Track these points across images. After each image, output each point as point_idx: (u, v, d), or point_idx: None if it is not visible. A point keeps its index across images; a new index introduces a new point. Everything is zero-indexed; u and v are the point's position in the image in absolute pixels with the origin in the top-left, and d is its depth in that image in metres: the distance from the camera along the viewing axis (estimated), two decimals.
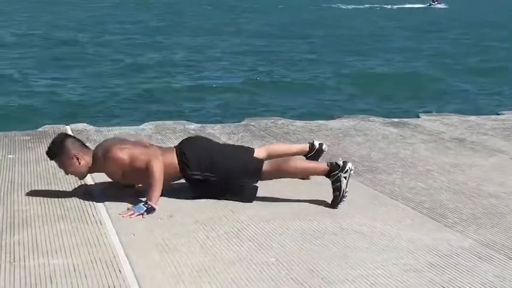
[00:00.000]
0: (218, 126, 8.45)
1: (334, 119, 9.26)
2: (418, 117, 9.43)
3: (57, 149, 5.18)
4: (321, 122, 8.83)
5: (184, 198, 5.24)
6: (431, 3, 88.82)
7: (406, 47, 33.12)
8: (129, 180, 5.32)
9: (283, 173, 5.26)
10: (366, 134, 7.99)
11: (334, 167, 5.13)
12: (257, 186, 5.24)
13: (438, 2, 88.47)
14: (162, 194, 5.00)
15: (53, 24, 40.90)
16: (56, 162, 5.28)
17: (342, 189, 5.08)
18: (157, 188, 4.97)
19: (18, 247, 4.17)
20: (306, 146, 5.81)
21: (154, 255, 4.10)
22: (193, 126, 8.16)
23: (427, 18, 57.93)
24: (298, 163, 5.31)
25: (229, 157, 5.25)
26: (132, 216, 4.80)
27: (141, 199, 4.99)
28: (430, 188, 5.75)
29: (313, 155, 5.76)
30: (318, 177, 5.87)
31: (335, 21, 53.65)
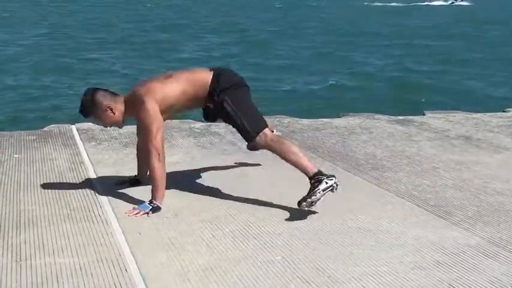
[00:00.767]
0: (223, 125, 8.43)
1: (340, 117, 9.25)
2: (424, 114, 9.41)
3: (90, 105, 5.16)
4: (326, 120, 8.83)
5: (189, 197, 5.25)
6: (453, 1, 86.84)
7: (419, 45, 33.05)
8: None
9: (279, 152, 5.06)
10: (371, 132, 7.99)
11: (322, 173, 4.92)
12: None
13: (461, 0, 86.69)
14: (167, 187, 5.01)
15: (61, 24, 40.97)
16: (92, 118, 5.27)
17: (317, 190, 4.79)
18: (161, 188, 4.96)
19: (25, 246, 4.18)
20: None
21: (161, 254, 4.11)
22: (198, 125, 8.16)
23: (449, 16, 57.44)
24: (295, 154, 5.04)
25: (250, 110, 5.21)
26: (137, 215, 4.81)
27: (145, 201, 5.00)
28: (435, 186, 5.75)
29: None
30: None
31: (352, 17, 53.55)
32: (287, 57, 27.07)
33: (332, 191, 4.84)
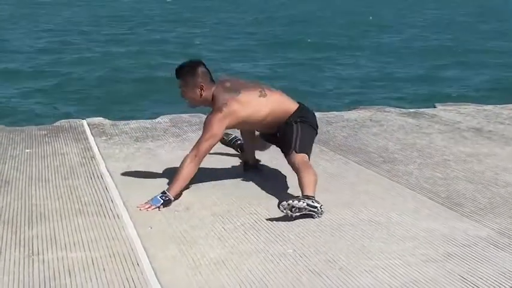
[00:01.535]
0: None
1: (350, 110, 9.24)
2: (435, 107, 9.38)
3: (189, 71, 5.24)
4: (337, 113, 8.82)
5: (200, 191, 5.26)
6: None
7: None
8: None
9: (300, 169, 5.01)
10: (382, 125, 7.97)
11: (313, 197, 4.76)
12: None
13: None
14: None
15: (70, 21, 41.02)
16: (181, 82, 5.29)
17: (302, 200, 4.64)
18: (180, 184, 5.03)
19: (37, 241, 4.20)
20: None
21: (172, 248, 4.12)
22: None
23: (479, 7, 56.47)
24: (310, 175, 4.95)
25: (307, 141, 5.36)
26: (149, 209, 4.83)
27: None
28: (447, 178, 5.73)
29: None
30: (331, 169, 5.90)
31: (360, 7, 53.25)
32: (298, 49, 27.02)
33: (313, 214, 4.65)
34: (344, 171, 5.92)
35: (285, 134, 5.32)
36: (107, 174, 5.72)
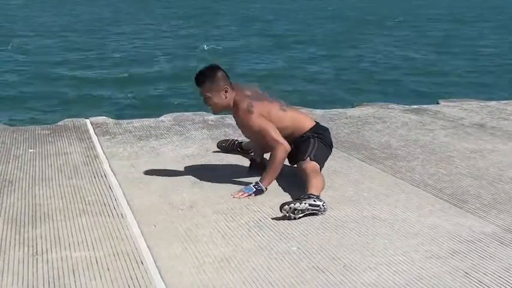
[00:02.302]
0: None
1: (353, 107, 9.24)
2: (438, 103, 9.37)
3: (210, 76, 5.28)
4: (340, 110, 8.82)
5: (204, 190, 5.25)
6: None
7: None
8: (251, 139, 5.83)
9: (309, 174, 5.11)
10: (385, 122, 7.96)
11: (317, 195, 4.80)
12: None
13: None
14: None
15: (76, 19, 41.06)
16: (202, 89, 5.31)
17: (304, 202, 4.63)
18: (275, 173, 5.21)
19: (41, 240, 4.20)
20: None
21: (176, 246, 4.11)
22: (212, 117, 8.15)
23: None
24: (317, 178, 5.07)
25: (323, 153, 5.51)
26: (241, 196, 5.02)
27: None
28: (450, 174, 5.73)
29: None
30: (335, 166, 5.89)
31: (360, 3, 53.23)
32: (300, 47, 27.00)
33: (317, 212, 4.67)
34: (347, 168, 5.91)
35: (300, 146, 5.42)
36: (111, 173, 5.72)
